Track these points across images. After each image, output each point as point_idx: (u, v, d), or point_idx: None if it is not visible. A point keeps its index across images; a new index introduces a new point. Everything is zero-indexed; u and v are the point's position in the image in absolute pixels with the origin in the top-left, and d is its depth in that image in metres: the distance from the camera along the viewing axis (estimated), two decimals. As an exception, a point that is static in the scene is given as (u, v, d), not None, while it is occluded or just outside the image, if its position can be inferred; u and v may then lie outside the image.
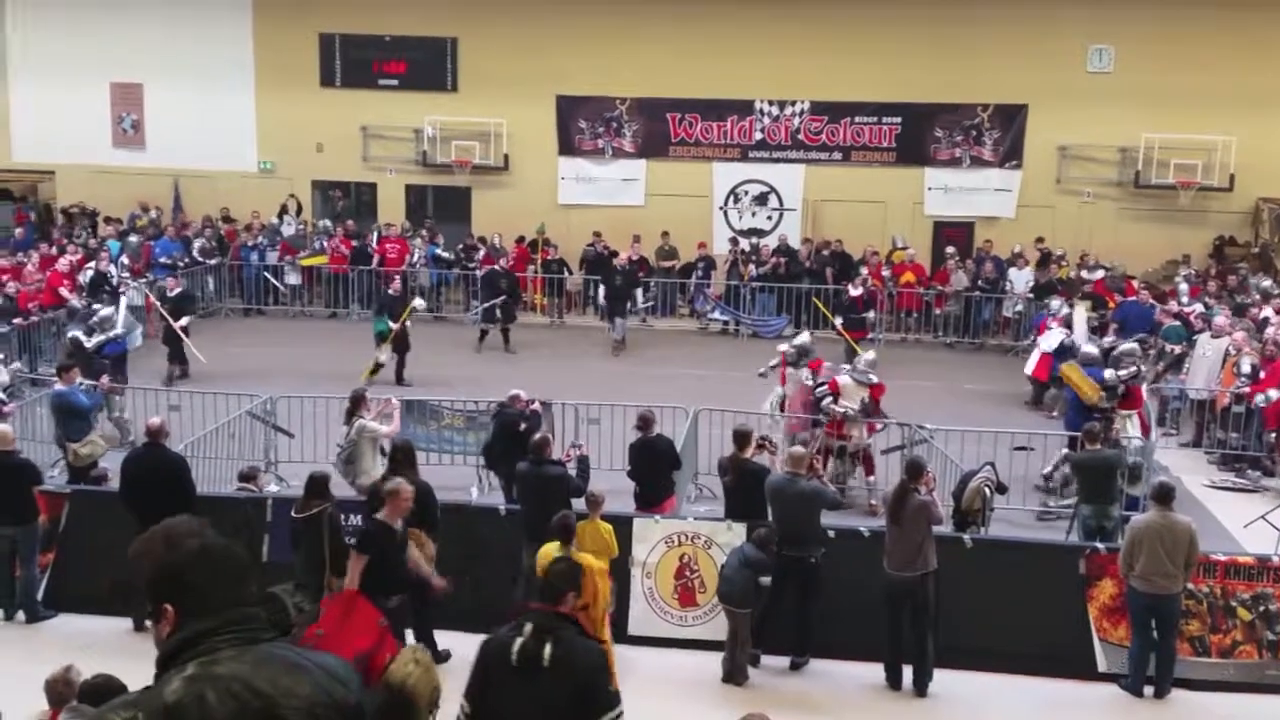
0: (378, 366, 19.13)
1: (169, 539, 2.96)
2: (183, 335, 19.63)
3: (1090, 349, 16.56)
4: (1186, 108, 25.36)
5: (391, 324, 19.39)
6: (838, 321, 21.61)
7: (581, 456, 11.95)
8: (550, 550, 9.58)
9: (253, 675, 2.74)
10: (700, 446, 14.69)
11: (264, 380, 17.15)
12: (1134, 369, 15.56)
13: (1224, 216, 26.55)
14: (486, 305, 22.52)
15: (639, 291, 24.71)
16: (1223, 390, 16.91)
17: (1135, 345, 16.71)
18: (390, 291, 20.56)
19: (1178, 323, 19.21)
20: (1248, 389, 16.36)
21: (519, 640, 5.63)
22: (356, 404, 13.62)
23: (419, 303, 19.85)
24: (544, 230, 26.32)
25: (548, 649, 5.57)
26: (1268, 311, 20.04)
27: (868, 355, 16.03)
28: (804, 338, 17.05)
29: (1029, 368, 19.46)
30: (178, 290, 20.60)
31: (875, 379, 15.17)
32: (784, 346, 16.52)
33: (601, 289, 23.38)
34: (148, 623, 2.96)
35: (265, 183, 28.47)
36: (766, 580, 10.36)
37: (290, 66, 28.08)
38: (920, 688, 10.39)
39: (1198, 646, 10.78)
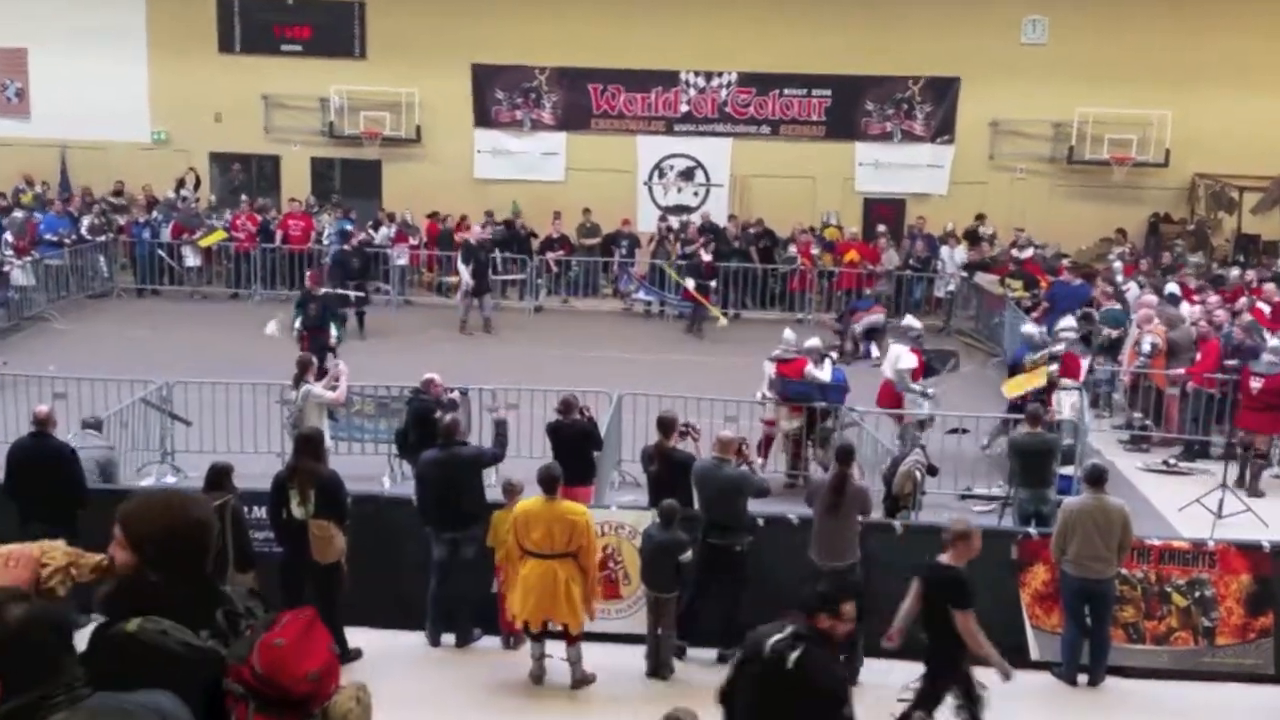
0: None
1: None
2: None
3: (1029, 328, 17.03)
4: (1122, 81, 25.80)
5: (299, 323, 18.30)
6: (689, 283, 22.51)
7: (500, 421, 11.94)
8: (531, 505, 10.10)
9: None
10: (624, 432, 14.73)
11: (159, 364, 16.91)
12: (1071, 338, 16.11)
13: (1159, 193, 27.08)
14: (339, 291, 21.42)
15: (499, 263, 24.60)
16: (1127, 370, 17.49)
17: (1073, 321, 17.10)
18: (307, 286, 19.12)
19: (1118, 305, 19.58)
20: (1148, 370, 16.91)
21: (774, 639, 6.45)
22: (304, 369, 13.91)
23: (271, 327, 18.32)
24: (518, 210, 26.03)
25: (794, 655, 6.34)
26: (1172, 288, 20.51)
27: (786, 333, 16.15)
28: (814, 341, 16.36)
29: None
30: None
31: (779, 353, 15.31)
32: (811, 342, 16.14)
33: (465, 269, 22.87)
34: None
35: (159, 155, 28.04)
36: (687, 556, 10.45)
37: (186, 30, 27.62)
38: (851, 676, 10.52)
39: (1132, 633, 11.01)
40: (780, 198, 26.88)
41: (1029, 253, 24.00)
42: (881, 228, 25.53)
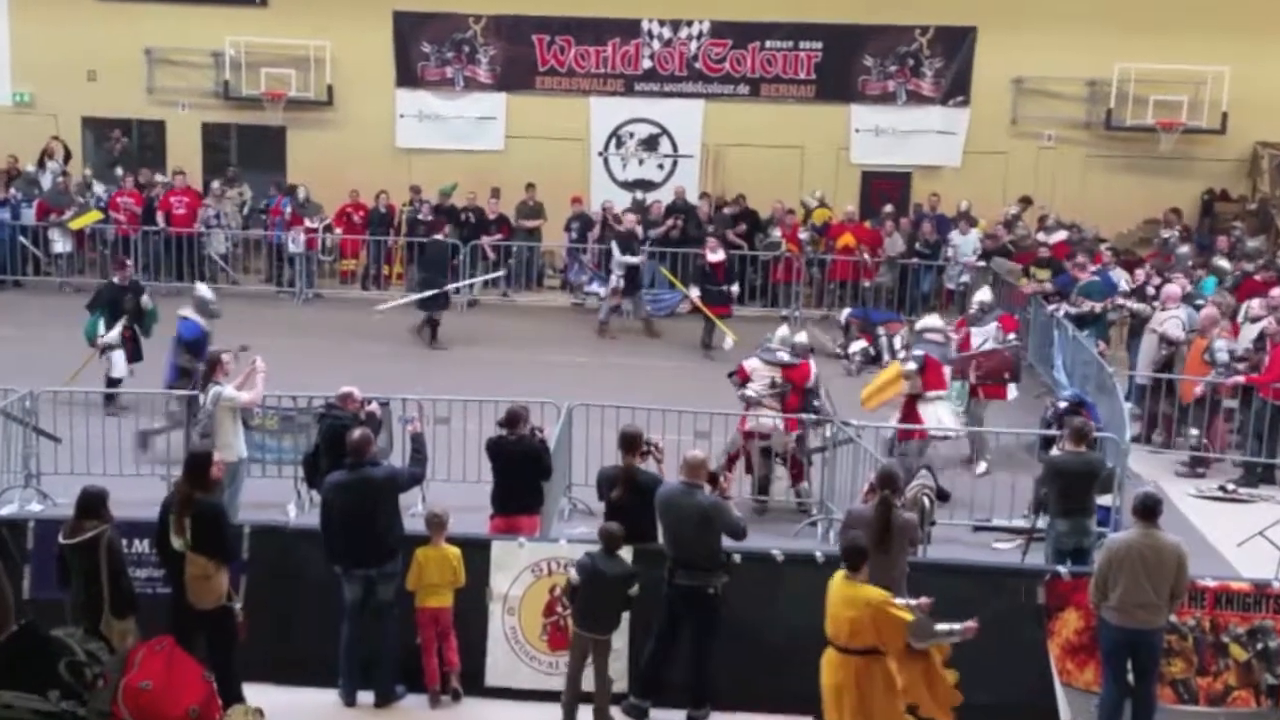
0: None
1: None
2: None
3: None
4: (1170, 32, 25.80)
5: (102, 328, 18.17)
6: (694, 293, 22.23)
7: (415, 435, 11.85)
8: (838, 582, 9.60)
9: None
10: (575, 451, 14.67)
11: (23, 370, 16.77)
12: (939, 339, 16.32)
13: (1214, 165, 27.17)
14: (434, 291, 21.56)
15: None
16: (1191, 380, 17.06)
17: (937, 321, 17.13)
18: (116, 280, 19.05)
19: (1096, 278, 19.78)
20: (1227, 380, 16.54)
21: None
22: (213, 368, 13.83)
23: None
24: (450, 192, 25.77)
25: None
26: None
27: (780, 331, 16.15)
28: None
29: None
30: None
31: (788, 358, 15.29)
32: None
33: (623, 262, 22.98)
34: None
35: (22, 120, 27.92)
36: (635, 590, 10.45)
37: (54, -28, 27.52)
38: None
39: (1183, 692, 10.97)
40: (762, 171, 26.91)
41: (1059, 236, 24.00)
42: (889, 208, 25.54)
